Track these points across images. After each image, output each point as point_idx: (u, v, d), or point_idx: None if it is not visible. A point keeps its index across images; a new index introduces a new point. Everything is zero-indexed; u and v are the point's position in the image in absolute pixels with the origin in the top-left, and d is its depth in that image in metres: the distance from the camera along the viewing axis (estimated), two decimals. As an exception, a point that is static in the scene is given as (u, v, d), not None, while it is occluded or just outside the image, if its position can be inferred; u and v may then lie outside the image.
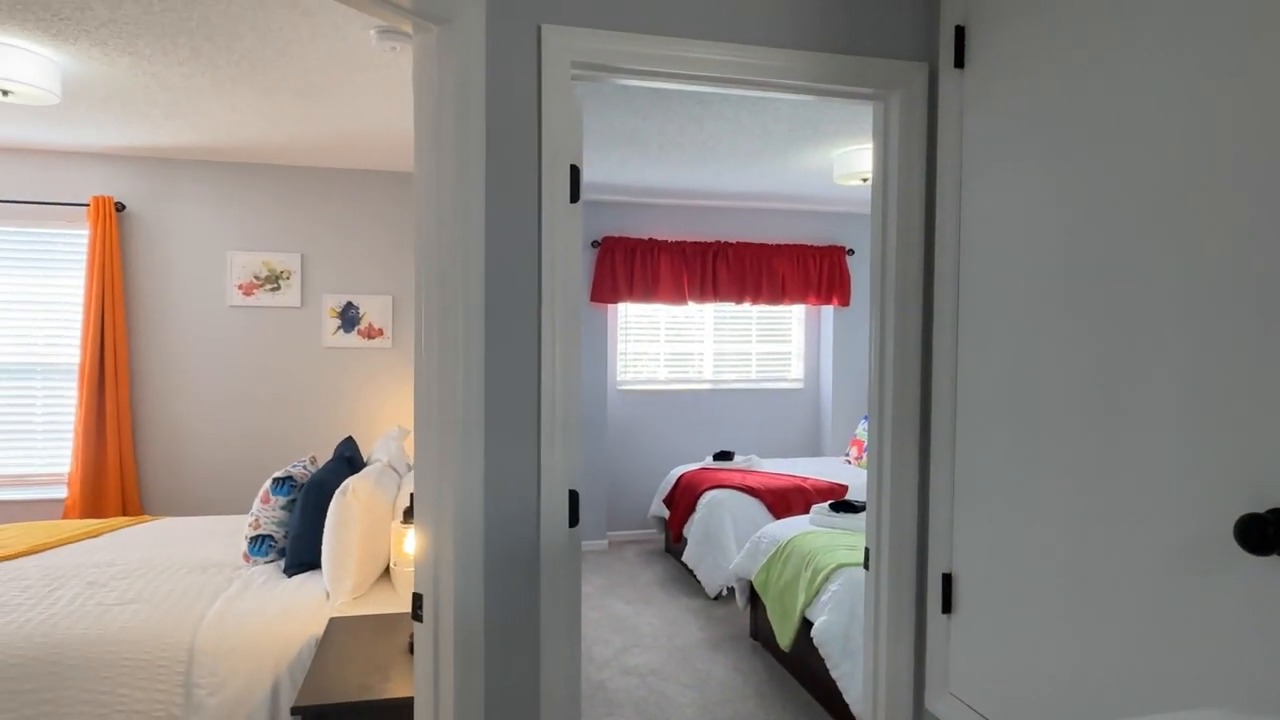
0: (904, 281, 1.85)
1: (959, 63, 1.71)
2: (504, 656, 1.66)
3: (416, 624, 1.59)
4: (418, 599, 1.59)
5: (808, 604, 3.12)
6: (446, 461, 1.55)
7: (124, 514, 4.16)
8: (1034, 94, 1.49)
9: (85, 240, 4.24)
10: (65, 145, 4.03)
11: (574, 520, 1.76)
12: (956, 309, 1.72)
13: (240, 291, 4.40)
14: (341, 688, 1.89)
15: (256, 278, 4.42)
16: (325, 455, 4.59)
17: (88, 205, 4.14)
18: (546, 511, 1.68)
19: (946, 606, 1.76)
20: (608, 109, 3.37)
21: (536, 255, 1.66)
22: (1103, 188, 1.33)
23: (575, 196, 1.75)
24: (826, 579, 3.06)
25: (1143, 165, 1.25)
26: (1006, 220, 1.56)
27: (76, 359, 4.22)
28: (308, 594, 2.57)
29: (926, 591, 1.84)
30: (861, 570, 3.00)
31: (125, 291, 4.24)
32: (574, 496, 1.75)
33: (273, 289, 4.44)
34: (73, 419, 4.21)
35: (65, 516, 4.11)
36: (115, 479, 4.12)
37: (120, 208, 4.21)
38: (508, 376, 1.64)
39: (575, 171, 1.74)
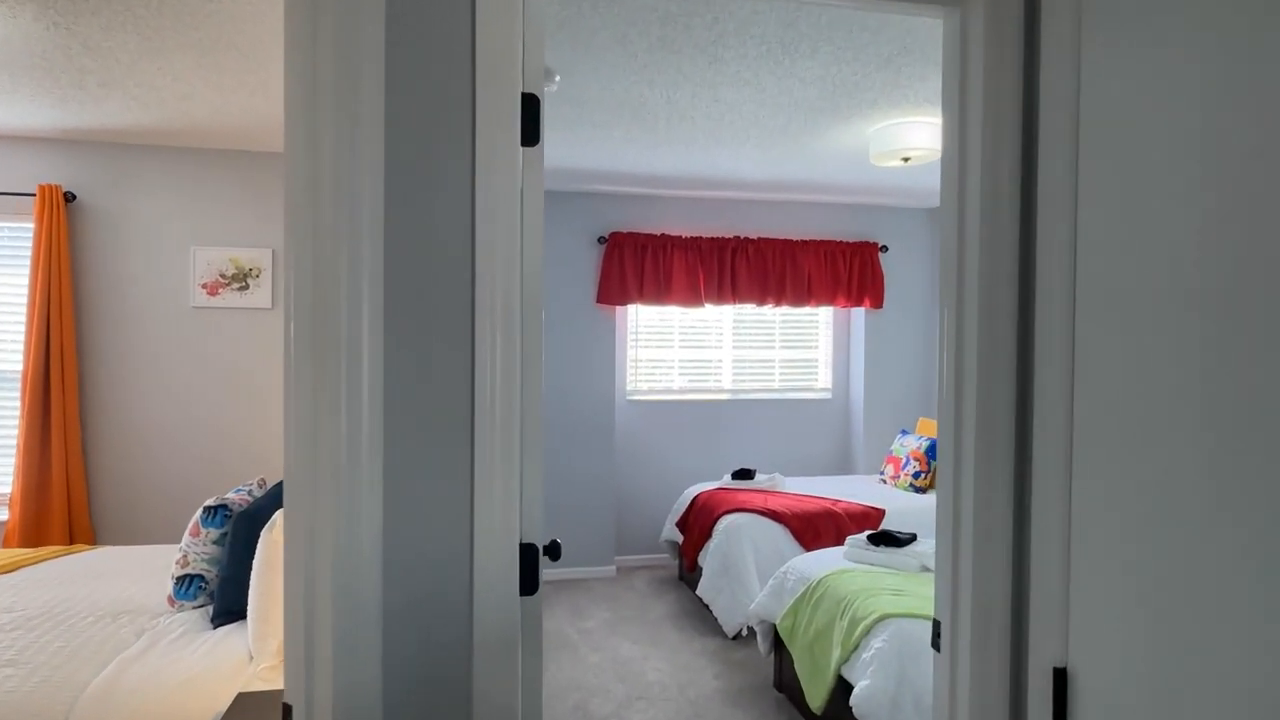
0: (991, 255, 1.33)
1: (1075, -66, 1.19)
2: (420, 788, 1.15)
3: (288, 747, 1.09)
4: (287, 711, 1.09)
5: (844, 660, 2.58)
6: (323, 513, 1.06)
7: (71, 539, 3.72)
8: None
9: (30, 234, 3.82)
10: (7, 128, 3.62)
11: (531, 586, 1.26)
12: (1072, 288, 1.20)
13: (205, 291, 3.96)
14: (218, 808, 1.40)
15: (223, 276, 3.98)
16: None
17: (34, 195, 3.73)
18: (483, 577, 1.18)
19: (1060, 715, 1.23)
20: (606, 69, 2.88)
21: (469, 221, 1.17)
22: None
23: (534, 138, 1.26)
24: (868, 632, 2.52)
25: None
26: (1155, 156, 1.04)
27: (19, 366, 3.80)
28: (228, 653, 2.09)
29: (1025, 692, 1.31)
30: (913, 622, 2.46)
31: (75, 291, 3.81)
32: (529, 553, 1.25)
33: (241, 288, 4.00)
34: (14, 433, 3.79)
35: (5, 543, 3.67)
36: (61, 500, 3.68)
37: (70, 198, 3.79)
38: (419, 389, 1.15)
39: (533, 102, 1.25)
